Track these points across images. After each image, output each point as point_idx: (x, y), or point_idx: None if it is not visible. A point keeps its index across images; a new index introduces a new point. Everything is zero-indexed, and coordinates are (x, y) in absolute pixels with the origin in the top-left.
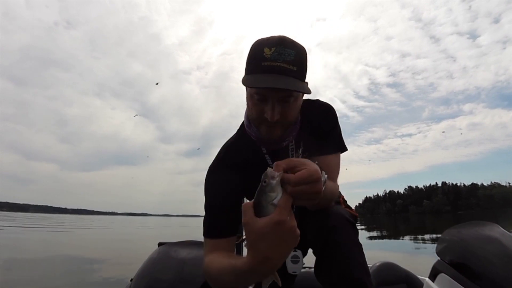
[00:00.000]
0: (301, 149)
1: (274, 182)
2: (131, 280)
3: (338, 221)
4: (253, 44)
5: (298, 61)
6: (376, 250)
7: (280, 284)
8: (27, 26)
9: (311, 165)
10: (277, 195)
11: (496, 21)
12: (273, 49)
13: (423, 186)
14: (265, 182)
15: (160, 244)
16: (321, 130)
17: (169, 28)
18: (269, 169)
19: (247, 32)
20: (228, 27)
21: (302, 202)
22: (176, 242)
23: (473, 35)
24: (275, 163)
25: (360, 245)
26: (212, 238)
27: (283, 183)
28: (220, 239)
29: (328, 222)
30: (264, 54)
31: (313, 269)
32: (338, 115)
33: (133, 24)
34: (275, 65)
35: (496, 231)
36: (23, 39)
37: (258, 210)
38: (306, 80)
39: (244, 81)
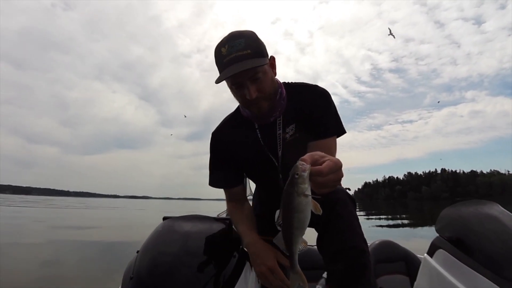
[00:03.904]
0: (292, 128)
1: (305, 174)
2: (137, 252)
3: (340, 195)
4: (214, 51)
5: (250, 44)
6: (374, 234)
7: (306, 287)
8: (25, 8)
9: (330, 156)
10: (308, 187)
11: (503, 7)
12: (226, 46)
13: (423, 172)
14: (297, 174)
15: (164, 218)
16: (315, 113)
17: (169, 10)
18: (299, 162)
19: (247, 15)
20: (228, 9)
21: (327, 190)
22: (181, 216)
23: (478, 21)
24: (300, 158)
25: (358, 218)
26: (220, 187)
27: (311, 175)
28: (232, 189)
29: (333, 196)
30: (222, 53)
31: (309, 246)
32: (339, 100)
33: (133, 6)
34: (232, 57)
35: (496, 209)
36: (21, 21)
37: (289, 201)
38: (269, 53)
39: (215, 81)
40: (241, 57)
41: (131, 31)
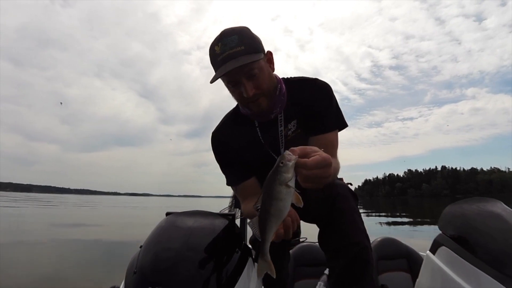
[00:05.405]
0: (293, 124)
1: (290, 164)
2: (141, 247)
3: (342, 190)
4: (209, 50)
5: (243, 41)
6: (375, 231)
7: (274, 276)
8: (23, 4)
9: (321, 152)
10: (291, 177)
11: (504, 3)
12: (219, 44)
13: (423, 169)
14: (282, 163)
15: (167, 214)
16: (316, 108)
17: (168, 6)
18: (286, 152)
19: (247, 11)
20: (228, 5)
21: (312, 185)
22: (183, 212)
23: (479, 18)
24: (290, 148)
25: (360, 213)
26: (237, 185)
27: (296, 167)
28: (242, 183)
29: (334, 191)
30: (216, 52)
31: (311, 242)
32: (339, 97)
33: (131, 2)
34: (225, 55)
35: (499, 207)
36: (20, 18)
37: (270, 189)
38: (269, 50)
39: (210, 80)
40: (235, 54)
41: (130, 28)
